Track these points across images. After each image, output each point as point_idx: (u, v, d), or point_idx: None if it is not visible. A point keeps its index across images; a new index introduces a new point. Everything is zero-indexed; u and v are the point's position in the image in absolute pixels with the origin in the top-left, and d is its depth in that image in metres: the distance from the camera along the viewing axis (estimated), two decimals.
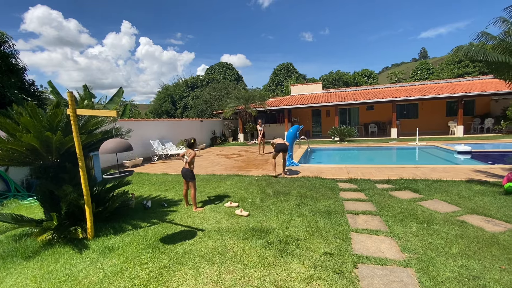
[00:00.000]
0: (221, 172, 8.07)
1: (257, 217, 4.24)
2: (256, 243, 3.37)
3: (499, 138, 13.14)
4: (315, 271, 2.71)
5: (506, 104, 15.62)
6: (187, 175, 4.79)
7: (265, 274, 2.70)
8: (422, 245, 3.11)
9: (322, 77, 46.43)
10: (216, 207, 4.84)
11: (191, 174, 4.77)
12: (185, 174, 4.81)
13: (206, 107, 27.58)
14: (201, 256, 3.11)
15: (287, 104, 18.15)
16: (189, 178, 4.79)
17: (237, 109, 17.98)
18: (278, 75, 44.39)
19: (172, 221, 4.29)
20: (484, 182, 5.48)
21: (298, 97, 20.96)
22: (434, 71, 43.27)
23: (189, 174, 4.77)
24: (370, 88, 21.81)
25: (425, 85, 19.92)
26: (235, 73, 41.06)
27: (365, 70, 49.95)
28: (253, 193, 5.59)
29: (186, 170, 4.79)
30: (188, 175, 4.77)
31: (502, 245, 3.03)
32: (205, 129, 18.14)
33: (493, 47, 4.54)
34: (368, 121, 19.63)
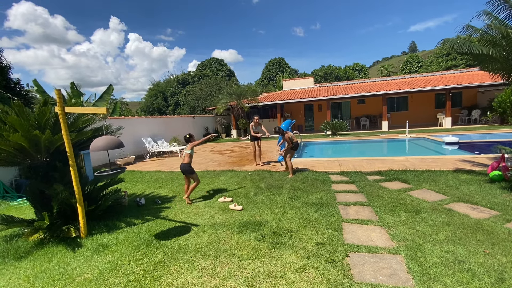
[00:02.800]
0: (214, 168, 8.08)
1: (251, 211, 4.29)
2: (250, 236, 3.42)
3: (485, 128, 13.52)
4: (308, 261, 2.78)
5: (492, 95, 16.03)
6: (186, 170, 4.80)
7: (259, 265, 2.76)
8: (411, 233, 3.21)
9: (314, 72, 46.58)
10: (210, 203, 4.87)
11: (189, 168, 4.79)
12: (183, 169, 4.82)
13: (198, 103, 27.36)
14: (196, 251, 3.14)
15: (280, 99, 18.18)
16: (188, 172, 4.81)
17: (230, 105, 17.92)
18: (270, 70, 44.27)
19: (166, 217, 4.30)
20: (470, 171, 5.65)
21: (290, 92, 21.01)
22: (423, 64, 43.92)
23: (187, 168, 4.79)
24: (361, 82, 22.02)
25: (414, 78, 20.23)
26: (226, 69, 40.75)
27: (356, 64, 50.31)
28: (247, 187, 5.63)
29: (184, 165, 4.80)
30: (187, 169, 4.79)
31: (487, 231, 3.16)
32: (198, 126, 18.06)
33: (478, 39, 4.65)
34: (360, 115, 19.87)
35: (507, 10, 4.16)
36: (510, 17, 4.21)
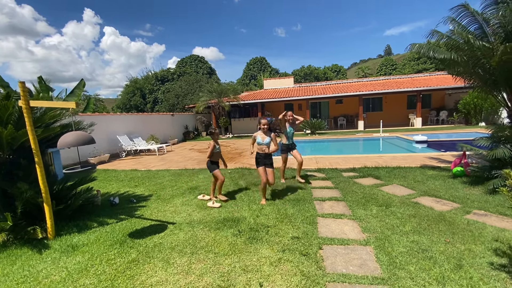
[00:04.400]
0: (193, 166, 7.98)
1: (229, 208, 4.30)
2: (228, 232, 3.43)
3: (451, 128, 14.48)
4: (283, 254, 2.84)
5: (458, 98, 17.18)
6: (207, 167, 4.76)
7: (235, 260, 2.78)
8: (380, 225, 3.39)
9: (294, 72, 47.26)
10: (188, 201, 4.81)
11: (209, 165, 4.71)
12: (207, 166, 4.78)
13: (177, 101, 26.80)
14: (171, 248, 3.10)
15: (260, 98, 18.28)
16: (209, 170, 4.73)
17: (210, 103, 17.73)
18: (252, 69, 44.34)
19: (142, 216, 4.20)
20: (436, 168, 6.04)
21: (271, 91, 21.18)
22: (397, 67, 46.07)
23: (208, 165, 4.72)
24: (339, 83, 22.70)
25: (388, 80, 21.18)
26: (207, 67, 40.23)
27: (334, 65, 51.70)
28: (226, 185, 5.62)
29: (207, 162, 4.77)
30: (208, 167, 4.73)
31: (448, 222, 3.40)
32: (177, 124, 17.69)
33: (444, 44, 4.97)
34: (337, 115, 20.48)
35: (468, 17, 4.49)
36: (471, 23, 4.56)
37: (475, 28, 4.46)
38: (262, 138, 4.30)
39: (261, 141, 4.29)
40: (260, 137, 4.31)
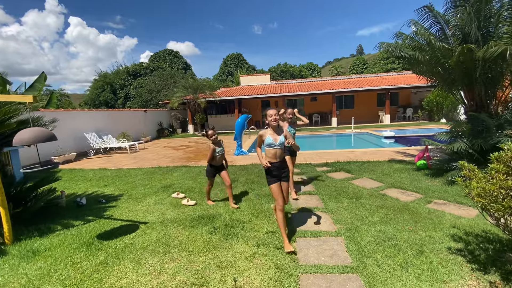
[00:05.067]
0: (167, 164, 7.76)
1: (204, 205, 4.24)
2: (202, 229, 3.39)
3: (416, 124, 15.46)
4: (258, 249, 2.87)
5: (422, 96, 18.35)
6: (206, 172, 4.29)
7: (210, 257, 2.75)
8: (351, 217, 3.54)
9: (270, 69, 47.50)
10: (161, 199, 4.67)
11: (207, 169, 4.20)
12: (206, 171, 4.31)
13: (151, 97, 25.82)
14: (143, 249, 2.99)
15: (237, 95, 18.18)
16: (206, 174, 4.28)
17: (186, 99, 17.30)
18: (228, 65, 43.88)
19: (111, 216, 4.00)
20: (402, 161, 6.43)
21: (248, 87, 21.13)
22: (368, 66, 48.10)
23: (207, 169, 4.24)
24: (314, 81, 23.22)
25: (360, 78, 22.06)
26: (182, 62, 39.14)
27: (309, 64, 52.74)
28: (201, 182, 5.54)
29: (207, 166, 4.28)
30: (206, 171, 4.26)
31: (412, 211, 3.64)
32: (151, 121, 17.06)
33: (409, 45, 5.27)
34: (312, 112, 20.95)
35: (431, 18, 4.80)
36: (433, 25, 4.87)
37: (437, 29, 4.79)
38: (273, 137, 2.93)
39: (273, 141, 2.92)
40: (270, 137, 2.93)
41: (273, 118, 2.91)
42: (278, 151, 2.96)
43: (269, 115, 2.93)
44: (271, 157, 2.96)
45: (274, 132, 2.97)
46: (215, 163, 4.10)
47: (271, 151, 2.96)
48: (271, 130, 2.98)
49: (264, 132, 2.99)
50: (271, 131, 2.97)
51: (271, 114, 2.92)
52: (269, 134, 2.96)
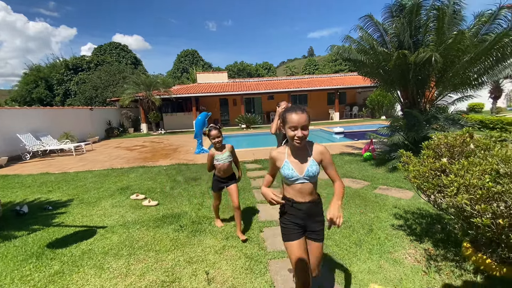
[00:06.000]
0: (122, 165, 7.26)
1: (168, 205, 4.14)
2: (168, 228, 3.32)
3: (361, 121, 17.10)
4: (227, 242, 2.94)
5: (366, 95, 20.33)
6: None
7: (179, 254, 2.74)
8: None
9: (227, 67, 47.33)
10: (119, 202, 4.40)
11: (213, 182, 3.20)
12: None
13: (96, 93, 23.58)
14: (104, 253, 2.82)
15: (194, 92, 17.75)
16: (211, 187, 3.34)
17: (138, 96, 16.27)
18: (183, 61, 42.37)
19: (62, 223, 3.65)
20: (351, 154, 7.11)
21: (205, 85, 20.76)
22: (318, 67, 51.24)
23: (213, 182, 3.25)
24: (270, 80, 23.91)
25: (312, 78, 23.43)
26: (132, 56, 36.52)
27: (265, 63, 54.00)
28: (162, 182, 5.36)
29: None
30: (212, 184, 3.27)
31: (362, 196, 4.09)
32: (97, 119, 15.61)
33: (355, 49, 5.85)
34: (270, 110, 21.58)
35: (373, 26, 5.41)
36: (375, 32, 5.50)
37: (378, 36, 5.43)
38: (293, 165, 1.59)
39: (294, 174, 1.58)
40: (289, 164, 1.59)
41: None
42: (300, 183, 1.59)
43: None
44: (290, 193, 1.65)
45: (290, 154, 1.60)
46: (220, 174, 3.05)
47: (291, 186, 1.61)
48: (286, 149, 1.62)
49: (278, 154, 1.64)
50: (287, 151, 1.61)
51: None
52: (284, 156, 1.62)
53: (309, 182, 1.59)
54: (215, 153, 3.01)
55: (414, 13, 4.64)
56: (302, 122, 1.45)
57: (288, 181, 1.60)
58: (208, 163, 3.12)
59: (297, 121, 1.45)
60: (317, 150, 1.61)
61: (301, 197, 1.61)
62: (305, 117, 1.46)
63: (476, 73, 4.57)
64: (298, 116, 1.46)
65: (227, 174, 3.07)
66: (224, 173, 3.03)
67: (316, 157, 1.59)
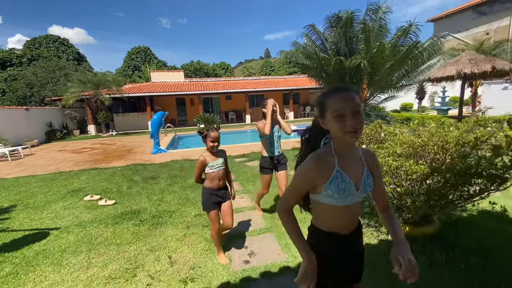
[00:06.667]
0: (70, 168, 6.84)
1: (126, 203, 4.16)
2: (128, 224, 3.41)
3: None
4: (188, 230, 3.18)
5: (318, 96, 21.94)
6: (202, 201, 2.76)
7: (141, 245, 2.89)
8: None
9: (183, 66, 46.11)
10: (72, 204, 4.27)
11: (203, 195, 2.57)
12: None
13: (32, 92, 21.04)
14: (61, 251, 2.83)
15: (149, 91, 17.10)
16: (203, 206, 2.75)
17: (84, 96, 15.07)
18: (134, 59, 40.00)
19: (7, 229, 3.45)
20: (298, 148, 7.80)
21: (160, 84, 20.06)
22: (274, 69, 53.06)
23: (202, 196, 2.61)
24: (228, 80, 24.15)
25: (268, 80, 24.34)
26: (74, 51, 33.27)
27: (223, 63, 53.97)
28: (118, 182, 5.27)
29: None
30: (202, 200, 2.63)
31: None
32: (36, 121, 14.02)
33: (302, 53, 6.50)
34: (228, 110, 21.84)
35: (315, 34, 6.09)
36: (317, 39, 6.20)
37: (320, 43, 6.14)
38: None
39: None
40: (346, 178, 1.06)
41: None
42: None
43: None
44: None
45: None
46: (214, 185, 2.47)
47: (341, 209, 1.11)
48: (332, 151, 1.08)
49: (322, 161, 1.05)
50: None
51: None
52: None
53: (361, 201, 1.11)
54: (208, 159, 2.44)
55: (348, 25, 5.42)
56: (354, 106, 0.95)
57: (334, 202, 1.03)
58: (197, 171, 2.50)
59: (345, 104, 0.95)
60: (368, 154, 1.14)
61: (347, 226, 1.11)
62: (357, 98, 0.97)
63: (396, 77, 5.55)
64: (346, 98, 0.96)
65: (224, 183, 2.55)
66: (220, 181, 2.48)
67: (369, 164, 1.12)
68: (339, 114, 0.96)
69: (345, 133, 0.96)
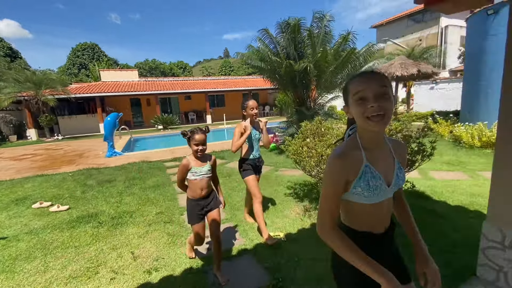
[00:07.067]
0: (11, 176, 6.23)
1: (82, 207, 4.05)
2: (86, 226, 3.38)
3: (272, 118, 19.13)
4: (149, 227, 3.28)
5: (276, 96, 22.76)
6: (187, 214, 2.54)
7: (102, 245, 2.92)
8: (224, 189, 4.50)
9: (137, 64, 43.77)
10: (18, 213, 4.00)
11: (188, 207, 2.37)
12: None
13: None
14: (13, 259, 2.73)
15: (99, 91, 16.00)
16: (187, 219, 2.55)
17: (22, 97, 13.52)
18: (80, 56, 36.74)
19: None
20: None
21: (111, 84, 18.86)
22: (234, 69, 53.35)
23: (188, 208, 2.42)
24: (187, 80, 23.71)
25: (228, 80, 24.52)
26: (6, 46, 29.38)
27: (180, 62, 52.47)
28: (70, 188, 5.03)
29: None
30: (187, 213, 2.47)
31: (267, 177, 5.00)
32: None
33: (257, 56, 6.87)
34: (188, 110, 21.48)
35: (268, 38, 6.52)
36: (270, 43, 6.63)
37: (273, 47, 6.58)
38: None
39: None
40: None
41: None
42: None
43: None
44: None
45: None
46: (197, 194, 2.24)
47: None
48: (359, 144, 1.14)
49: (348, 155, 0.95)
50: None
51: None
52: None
53: (392, 196, 1.04)
54: (192, 164, 2.20)
55: (296, 31, 5.94)
56: (377, 88, 0.86)
57: (364, 200, 0.95)
58: (179, 175, 2.25)
59: (367, 86, 0.86)
60: (398, 144, 1.05)
61: (380, 225, 1.02)
62: (383, 80, 0.87)
63: (339, 79, 6.26)
64: (368, 79, 0.88)
65: (208, 191, 2.29)
66: (202, 191, 2.24)
67: (400, 156, 1.03)
68: (359, 97, 0.86)
69: (366, 118, 0.85)
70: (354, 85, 0.88)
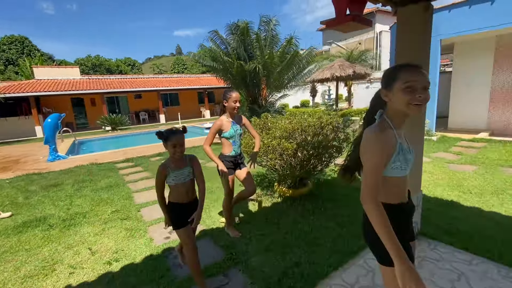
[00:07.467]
0: None
1: (27, 213, 3.86)
2: (35, 230, 3.29)
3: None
4: (106, 225, 3.34)
5: None
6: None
7: (55, 245, 2.92)
8: None
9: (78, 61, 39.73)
10: None
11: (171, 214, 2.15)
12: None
13: None
14: None
15: (34, 91, 14.32)
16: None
17: None
18: (7, 51, 31.92)
19: None
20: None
21: (48, 82, 16.96)
22: (187, 67, 51.95)
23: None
24: (136, 77, 22.46)
25: (181, 78, 23.92)
26: None
27: (128, 59, 49.14)
28: (10, 195, 4.66)
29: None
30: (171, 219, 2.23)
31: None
32: None
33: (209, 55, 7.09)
34: (139, 109, 20.43)
35: (219, 39, 6.79)
36: (222, 44, 6.92)
37: (224, 47, 6.88)
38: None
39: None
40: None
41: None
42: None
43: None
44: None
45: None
46: (180, 200, 2.00)
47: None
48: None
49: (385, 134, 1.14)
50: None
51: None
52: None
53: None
54: (169, 168, 1.94)
55: (245, 33, 6.34)
56: (425, 82, 1.01)
57: (400, 173, 1.09)
58: (158, 182, 1.99)
59: (419, 78, 1.00)
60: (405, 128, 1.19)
61: (406, 193, 1.18)
62: (427, 76, 1.05)
63: (286, 79, 6.86)
64: (420, 72, 1.02)
65: (192, 196, 2.05)
66: (187, 195, 2.00)
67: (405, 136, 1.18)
68: (410, 85, 0.99)
69: (410, 105, 1.00)
70: (406, 75, 1.00)
